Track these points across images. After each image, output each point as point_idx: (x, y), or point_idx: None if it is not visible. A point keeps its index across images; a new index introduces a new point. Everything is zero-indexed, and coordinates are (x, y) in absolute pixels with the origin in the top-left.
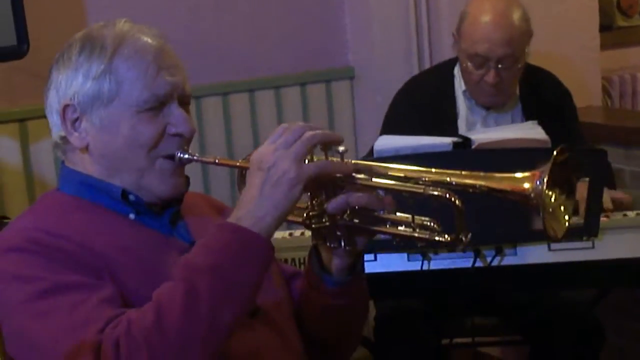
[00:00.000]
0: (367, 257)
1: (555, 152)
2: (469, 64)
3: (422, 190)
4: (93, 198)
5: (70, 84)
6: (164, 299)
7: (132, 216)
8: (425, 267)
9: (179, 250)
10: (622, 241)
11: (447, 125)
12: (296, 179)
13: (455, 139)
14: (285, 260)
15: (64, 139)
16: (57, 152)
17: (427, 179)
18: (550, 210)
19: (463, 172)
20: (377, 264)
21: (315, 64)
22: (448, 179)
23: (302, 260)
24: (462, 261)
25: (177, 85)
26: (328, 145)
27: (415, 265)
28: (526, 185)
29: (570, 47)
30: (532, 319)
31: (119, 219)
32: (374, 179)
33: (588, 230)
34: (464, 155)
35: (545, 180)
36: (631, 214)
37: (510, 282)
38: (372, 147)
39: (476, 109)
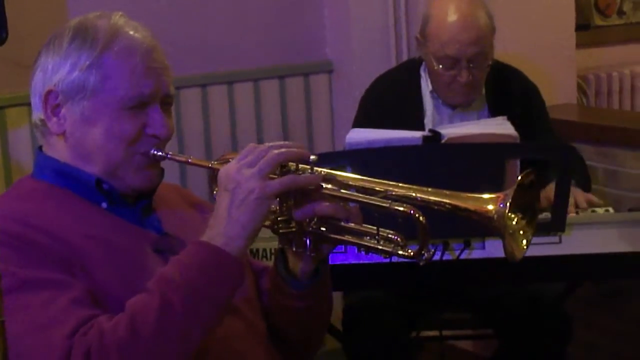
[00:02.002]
0: (336, 248)
1: (520, 176)
2: (439, 66)
3: (387, 205)
4: (66, 185)
5: (57, 70)
6: (138, 311)
7: (104, 205)
8: (394, 259)
9: (149, 241)
10: (589, 236)
11: (413, 125)
12: (261, 198)
13: (425, 133)
14: (257, 251)
15: (43, 121)
16: (36, 132)
17: (394, 193)
18: (511, 232)
19: (429, 189)
20: (347, 255)
21: (294, 57)
22: (414, 194)
23: (272, 252)
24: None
25: (162, 87)
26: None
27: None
28: (490, 206)
29: (547, 45)
30: (501, 312)
31: (91, 208)
32: (341, 190)
33: (555, 225)
34: (434, 149)
35: (508, 203)
36: (599, 210)
37: (478, 275)
38: None
39: (442, 108)
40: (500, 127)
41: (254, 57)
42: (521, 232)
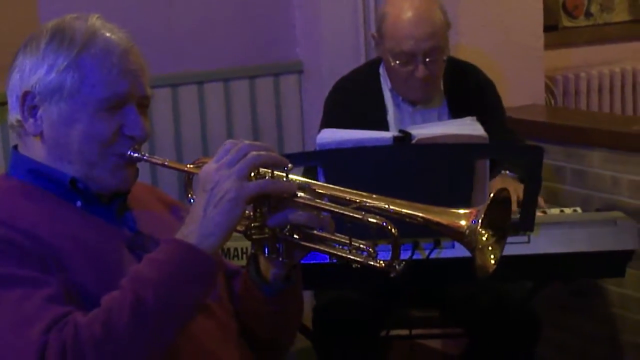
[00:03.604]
0: None
1: (493, 194)
2: (396, 62)
3: (361, 217)
4: (41, 184)
5: (34, 71)
6: (113, 308)
7: (79, 204)
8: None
9: (124, 239)
10: (557, 236)
11: (377, 124)
12: (237, 199)
13: (396, 134)
14: (229, 250)
15: (20, 122)
16: (13, 133)
17: (367, 204)
18: (480, 247)
19: (403, 202)
20: (317, 254)
21: (264, 57)
22: (387, 206)
23: (244, 250)
24: (401, 253)
25: (138, 88)
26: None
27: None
28: (462, 222)
29: (515, 46)
30: (469, 311)
31: (66, 206)
32: (316, 200)
33: (524, 224)
34: (404, 149)
35: (480, 219)
36: (567, 210)
37: (448, 275)
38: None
39: (403, 105)
40: (470, 127)
41: (224, 57)
42: (490, 248)
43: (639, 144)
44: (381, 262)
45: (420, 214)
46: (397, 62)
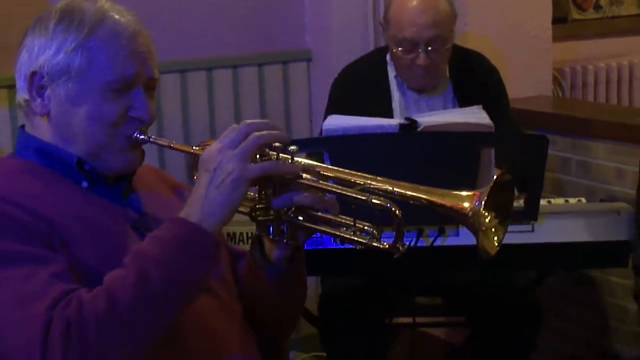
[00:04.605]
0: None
1: (496, 175)
2: (399, 49)
3: (365, 198)
4: (47, 164)
5: (42, 51)
6: (116, 285)
7: (85, 184)
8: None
9: (129, 220)
10: (561, 226)
11: (382, 111)
12: (239, 179)
13: (402, 121)
14: (233, 234)
15: (27, 102)
16: (19, 112)
17: (371, 186)
18: (484, 229)
19: (407, 184)
20: (323, 240)
21: (273, 45)
22: (391, 188)
23: (249, 235)
24: (405, 240)
25: (146, 70)
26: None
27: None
28: (465, 204)
29: (524, 37)
30: (472, 300)
31: (72, 187)
32: (320, 181)
33: (528, 214)
34: (410, 137)
35: (483, 201)
36: (572, 200)
37: (452, 262)
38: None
39: (408, 92)
40: (476, 116)
41: (233, 44)
42: (493, 229)
43: None
44: (385, 243)
45: (424, 196)
46: (400, 49)
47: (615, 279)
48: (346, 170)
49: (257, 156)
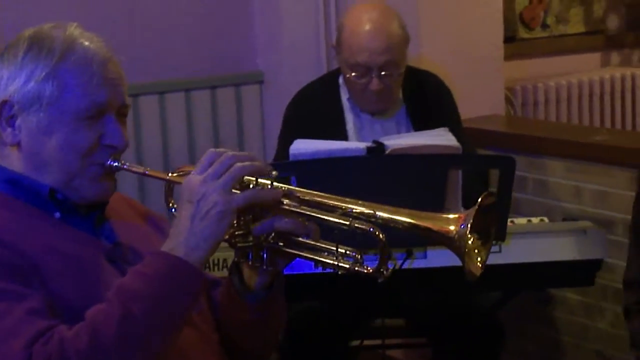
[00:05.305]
0: None
1: (480, 198)
2: (352, 74)
3: (348, 223)
4: (18, 195)
5: (12, 80)
6: (99, 321)
7: (57, 215)
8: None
9: (103, 250)
10: (528, 246)
11: (336, 133)
12: (225, 211)
13: (369, 144)
14: (211, 262)
15: None
16: None
17: (354, 210)
18: (467, 251)
19: (390, 208)
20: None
21: (225, 67)
22: (374, 212)
23: (224, 261)
24: (371, 264)
25: (117, 97)
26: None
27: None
28: (451, 227)
29: (475, 56)
30: (435, 321)
31: (44, 218)
32: (302, 207)
33: (496, 234)
34: (378, 160)
35: (469, 224)
36: (535, 219)
37: (420, 285)
38: (276, 152)
39: (362, 115)
40: (443, 138)
41: (186, 68)
42: (476, 250)
43: (601, 154)
44: (368, 268)
45: (409, 220)
46: (353, 73)
47: (576, 297)
48: (327, 195)
49: (238, 185)
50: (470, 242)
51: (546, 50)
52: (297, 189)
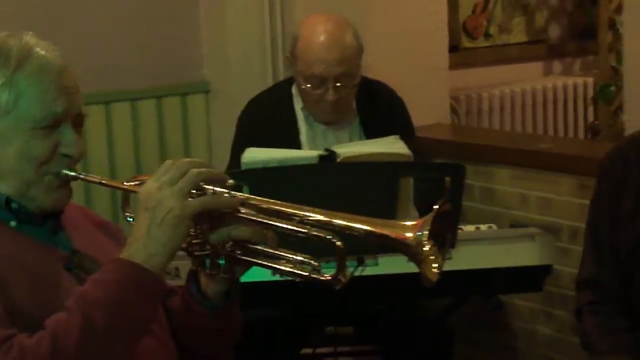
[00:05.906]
0: None
1: (438, 205)
2: (307, 85)
3: (306, 231)
4: None
5: None
6: (60, 329)
7: (13, 224)
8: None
9: (60, 259)
10: (478, 252)
11: (290, 143)
12: (180, 217)
13: (321, 152)
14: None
15: None
16: None
17: (311, 218)
18: (424, 257)
19: (346, 215)
20: None
21: (171, 77)
22: (331, 219)
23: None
24: (323, 271)
25: (74, 107)
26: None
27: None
28: (408, 234)
29: (421, 66)
30: (384, 328)
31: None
32: (259, 215)
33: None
34: (330, 167)
35: (426, 231)
36: (482, 226)
37: (371, 291)
38: (229, 161)
39: (315, 124)
40: (394, 146)
41: (132, 78)
42: (432, 257)
43: (547, 162)
44: (326, 275)
45: (366, 227)
46: (308, 85)
47: (523, 303)
48: (284, 203)
49: (194, 191)
50: (427, 248)
51: (489, 60)
52: (254, 197)
